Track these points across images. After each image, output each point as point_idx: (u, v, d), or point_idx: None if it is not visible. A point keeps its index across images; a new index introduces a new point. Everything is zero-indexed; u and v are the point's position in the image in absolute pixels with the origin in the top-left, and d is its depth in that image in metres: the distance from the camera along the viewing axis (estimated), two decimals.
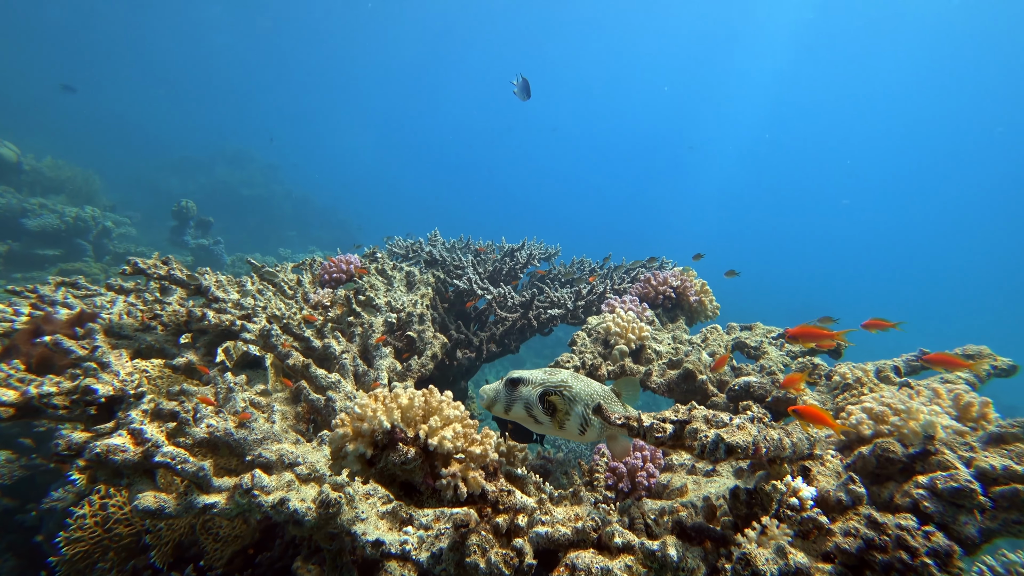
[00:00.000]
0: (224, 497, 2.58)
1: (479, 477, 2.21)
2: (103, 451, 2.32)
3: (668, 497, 2.95)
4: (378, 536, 2.78)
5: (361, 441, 2.11)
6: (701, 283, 4.78)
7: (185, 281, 3.61)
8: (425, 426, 2.16)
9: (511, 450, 4.16)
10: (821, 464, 2.10)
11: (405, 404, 2.17)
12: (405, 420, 2.18)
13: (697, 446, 1.85)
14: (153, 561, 3.64)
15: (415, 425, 2.20)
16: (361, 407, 2.11)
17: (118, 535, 3.83)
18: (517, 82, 7.85)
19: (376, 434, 2.12)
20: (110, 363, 2.78)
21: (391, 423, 2.12)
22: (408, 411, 2.18)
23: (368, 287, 4.48)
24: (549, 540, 2.08)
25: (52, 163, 16.93)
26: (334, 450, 2.13)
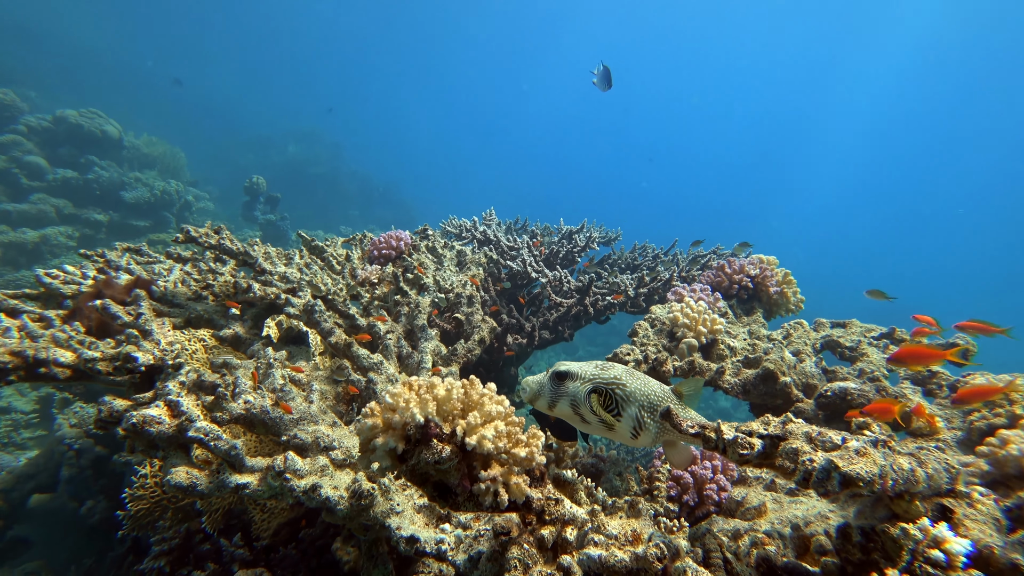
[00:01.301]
0: (257, 478, 2.44)
1: (523, 484, 1.92)
2: (139, 421, 2.21)
3: (743, 517, 2.55)
4: (413, 532, 2.57)
5: (392, 435, 1.87)
6: (784, 272, 4.23)
7: (235, 251, 3.52)
8: (463, 422, 1.88)
9: (559, 449, 3.86)
10: (968, 505, 1.64)
11: (442, 396, 1.91)
12: (441, 414, 1.92)
13: (799, 472, 1.47)
14: (204, 525, 3.66)
15: (452, 420, 1.93)
16: (393, 396, 1.87)
17: (176, 497, 3.88)
18: (597, 71, 7.30)
19: (408, 428, 1.87)
20: (152, 331, 2.70)
21: (425, 417, 1.86)
22: (445, 404, 1.91)
23: (417, 265, 4.27)
24: (603, 566, 1.76)
25: (148, 140, 18.10)
26: (363, 442, 1.90)
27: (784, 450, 1.56)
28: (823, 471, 1.42)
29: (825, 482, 1.41)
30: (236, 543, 3.66)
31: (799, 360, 3.34)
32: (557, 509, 2.08)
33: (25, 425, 7.25)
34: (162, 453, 2.31)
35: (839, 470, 1.39)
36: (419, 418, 1.83)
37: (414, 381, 1.93)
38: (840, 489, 1.40)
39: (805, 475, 1.48)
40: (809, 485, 1.46)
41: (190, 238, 3.35)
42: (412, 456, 1.88)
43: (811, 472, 1.46)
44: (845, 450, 1.49)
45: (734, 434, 1.71)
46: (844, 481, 1.39)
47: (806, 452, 1.52)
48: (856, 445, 1.49)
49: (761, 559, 1.73)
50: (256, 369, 3.00)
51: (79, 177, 13.03)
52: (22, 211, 11.87)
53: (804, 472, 1.48)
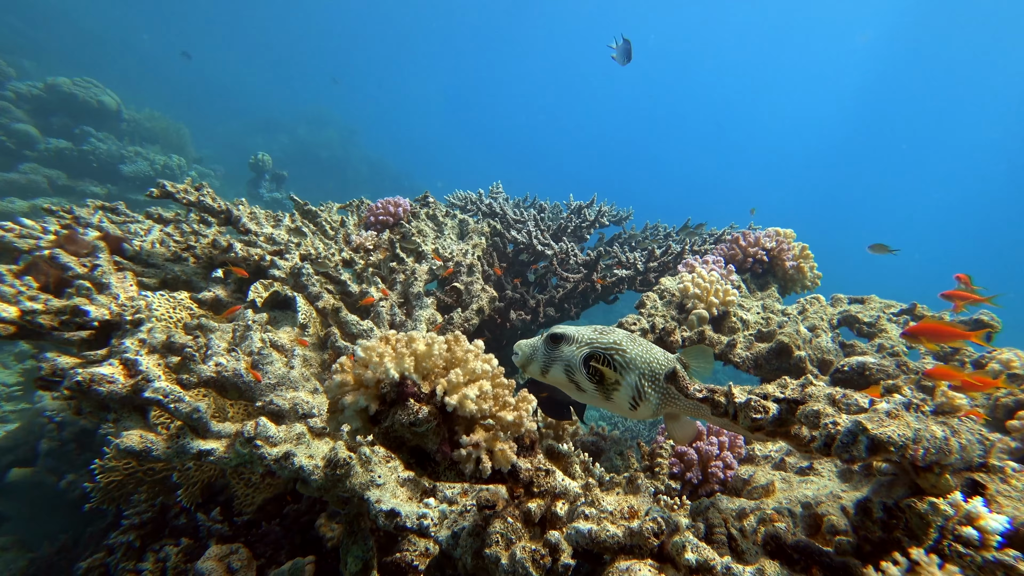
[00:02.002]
0: (223, 445, 2.28)
1: (509, 451, 1.73)
2: (85, 379, 2.05)
3: (750, 496, 2.35)
4: (394, 506, 2.40)
5: (363, 393, 1.68)
6: (801, 246, 3.99)
7: (216, 209, 3.34)
8: (444, 381, 1.69)
9: (558, 426, 3.68)
10: (1001, 480, 1.43)
11: (422, 351, 1.72)
12: (420, 371, 1.73)
13: (820, 436, 1.26)
14: (180, 499, 3.52)
15: (432, 378, 1.75)
16: (366, 350, 1.68)
17: (152, 469, 3.74)
18: (617, 44, 6.97)
19: (382, 385, 1.68)
20: (110, 284, 2.53)
21: (400, 373, 1.67)
22: (425, 360, 1.72)
23: (415, 232, 4.07)
24: (592, 540, 1.57)
25: (150, 114, 17.93)
26: (331, 402, 1.72)
27: (804, 413, 1.36)
28: (849, 434, 1.22)
29: (851, 447, 1.21)
30: (215, 517, 3.53)
31: (815, 335, 3.12)
32: (547, 481, 1.89)
33: (7, 398, 7.13)
34: (114, 415, 2.15)
35: (868, 433, 1.19)
36: (394, 374, 1.64)
37: (391, 335, 1.74)
38: (867, 455, 1.19)
39: (827, 439, 1.27)
40: (832, 451, 1.26)
41: (166, 193, 3.17)
42: (386, 418, 1.69)
43: (834, 436, 1.25)
44: (874, 412, 1.28)
45: (747, 397, 1.51)
46: (873, 445, 1.18)
47: (828, 415, 1.32)
48: (886, 407, 1.28)
49: (769, 536, 1.54)
50: (233, 332, 2.83)
51: (73, 148, 12.79)
52: (11, 180, 11.54)
53: (826, 436, 1.27)
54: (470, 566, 1.91)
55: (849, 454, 1.20)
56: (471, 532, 1.93)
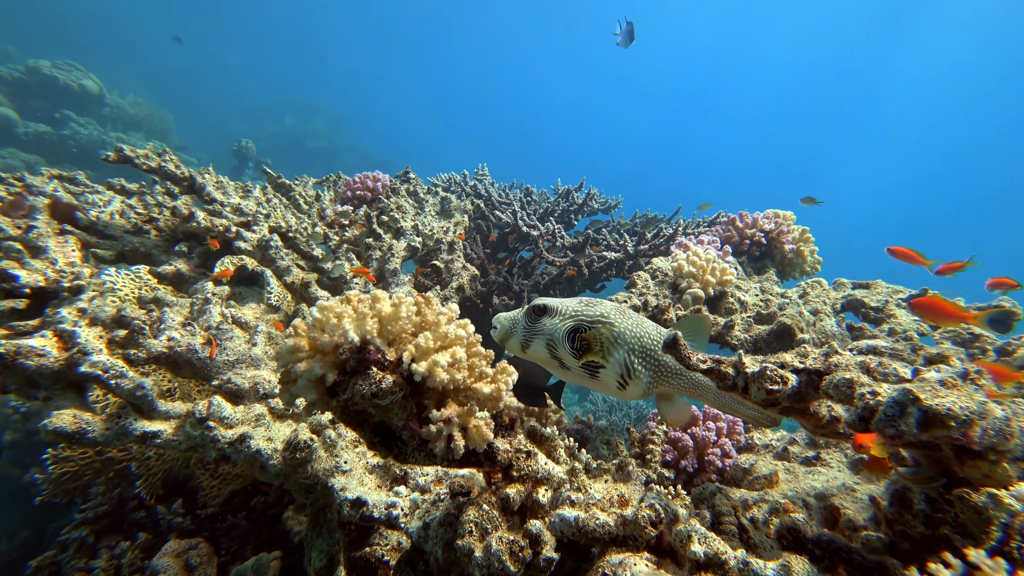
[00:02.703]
0: (171, 426, 2.03)
1: (484, 427, 1.51)
2: (10, 351, 1.79)
3: (751, 487, 2.15)
4: (360, 494, 2.16)
5: (319, 360, 1.45)
6: (801, 230, 3.81)
7: (178, 176, 3.07)
8: (412, 347, 1.47)
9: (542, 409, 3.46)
10: None
11: (387, 313, 1.49)
12: (385, 336, 1.50)
13: (856, 408, 1.06)
14: (139, 491, 3.25)
15: (400, 345, 1.52)
16: (322, 310, 1.45)
17: (111, 459, 3.46)
18: (621, 29, 6.78)
19: (341, 351, 1.45)
20: (47, 249, 2.27)
21: (361, 336, 1.44)
22: (391, 323, 1.49)
23: (394, 207, 3.83)
24: (579, 530, 1.36)
25: (134, 100, 17.42)
26: (283, 372, 1.49)
27: (833, 383, 1.15)
28: (895, 405, 1.01)
29: (897, 420, 1.00)
30: (176, 511, 3.27)
31: (818, 319, 2.93)
32: (528, 464, 1.67)
33: None
34: (44, 393, 1.89)
35: (921, 403, 0.98)
36: (353, 337, 1.41)
37: (353, 294, 1.51)
38: (919, 430, 0.99)
39: (865, 412, 1.07)
40: (872, 426, 1.05)
41: (123, 157, 2.90)
42: (345, 389, 1.46)
43: (874, 408, 1.05)
44: (923, 382, 1.07)
45: (761, 366, 1.30)
46: (927, 419, 0.98)
47: (865, 383, 1.11)
48: (938, 376, 1.07)
49: (786, 529, 1.34)
50: (191, 305, 2.58)
51: (53, 132, 12.35)
52: None
53: (863, 409, 1.07)
54: (441, 560, 1.69)
55: (895, 428, 1.00)
56: (442, 522, 1.71)
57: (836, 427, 1.48)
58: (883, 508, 1.31)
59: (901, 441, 1.01)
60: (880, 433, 1.03)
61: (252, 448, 2.03)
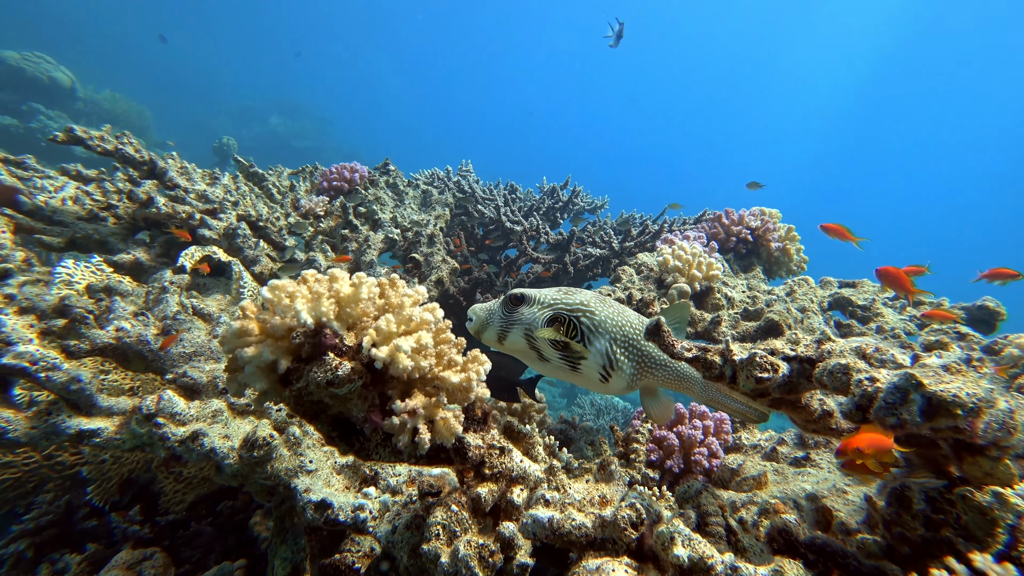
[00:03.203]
0: (114, 423, 1.88)
1: (453, 420, 1.39)
2: None
3: (739, 489, 2.06)
4: (325, 496, 2.02)
5: (269, 345, 1.32)
6: (788, 228, 3.76)
7: (137, 160, 2.91)
8: (373, 330, 1.34)
9: (526, 408, 3.34)
10: None
11: (347, 294, 1.36)
12: (344, 319, 1.37)
13: (853, 396, 0.96)
14: (90, 498, 3.03)
15: (360, 328, 1.39)
16: (274, 290, 1.32)
17: (61, 463, 3.24)
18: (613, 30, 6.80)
19: (294, 335, 1.32)
20: None
21: (316, 319, 1.31)
22: (350, 305, 1.37)
23: (372, 199, 3.70)
24: (554, 532, 1.24)
25: (110, 95, 17.04)
26: (229, 359, 1.35)
27: (827, 370, 1.05)
28: (896, 391, 0.91)
29: (898, 408, 0.90)
30: (132, 518, 3.07)
31: (805, 316, 2.86)
32: (502, 461, 1.55)
33: None
34: None
35: (924, 389, 0.88)
36: (306, 319, 1.28)
37: (310, 273, 1.38)
38: (922, 419, 0.89)
39: (861, 401, 0.97)
40: (870, 415, 0.95)
41: (74, 138, 2.73)
42: (299, 377, 1.33)
43: (873, 395, 0.95)
44: (924, 368, 0.97)
45: (750, 352, 1.20)
46: (931, 407, 0.88)
47: (862, 370, 1.01)
48: (940, 361, 0.98)
49: (778, 531, 1.23)
50: (146, 294, 2.42)
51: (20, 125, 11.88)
52: None
53: (861, 396, 0.97)
54: (408, 566, 1.56)
55: (896, 417, 0.90)
56: (409, 525, 1.58)
57: (828, 422, 1.39)
58: (880, 509, 1.21)
59: (902, 431, 0.91)
60: (880, 422, 0.93)
61: (206, 447, 1.88)
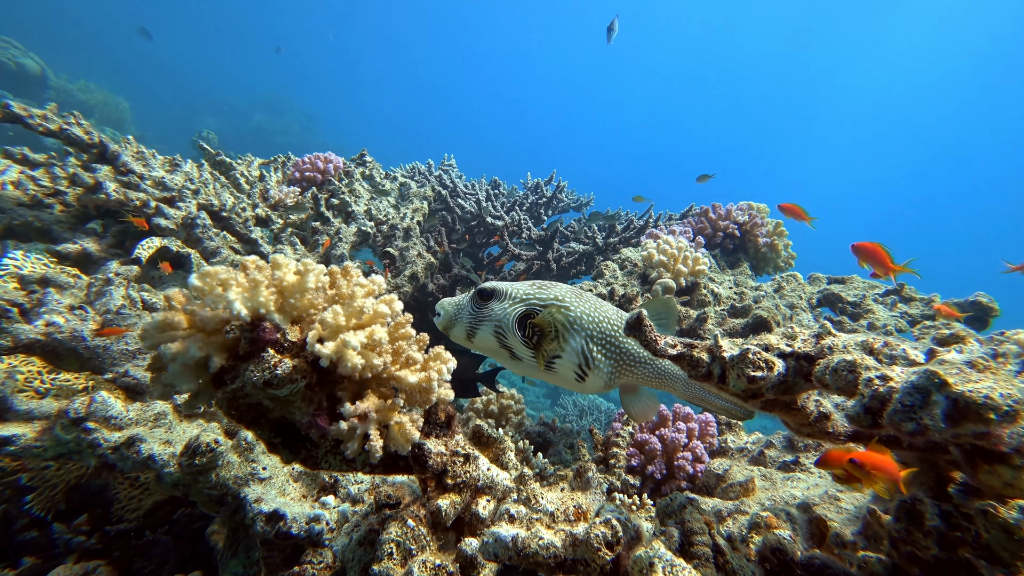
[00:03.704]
0: (35, 429, 1.69)
1: (409, 425, 1.23)
2: None
3: (725, 496, 1.93)
4: (277, 507, 1.85)
5: (200, 340, 1.15)
6: (776, 223, 3.66)
7: (86, 142, 2.70)
8: (319, 324, 1.18)
9: (503, 409, 3.19)
10: None
11: (291, 283, 1.20)
12: (286, 310, 1.21)
13: (862, 397, 0.83)
14: (31, 507, 2.80)
15: (307, 322, 1.23)
16: (204, 277, 1.15)
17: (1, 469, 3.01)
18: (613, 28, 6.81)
19: (227, 328, 1.15)
20: None
21: (253, 310, 1.14)
22: (295, 295, 1.20)
23: (346, 191, 3.52)
24: (518, 552, 1.09)
25: (84, 86, 16.53)
26: (152, 357, 1.18)
27: (831, 367, 0.92)
28: (915, 391, 0.78)
29: (918, 411, 0.77)
30: (78, 527, 2.85)
31: (794, 313, 2.75)
32: (466, 470, 1.40)
33: None
34: None
35: (950, 389, 0.75)
36: (241, 311, 1.11)
37: (250, 260, 1.21)
38: (947, 424, 0.75)
39: (871, 403, 0.83)
40: (882, 420, 0.82)
41: (10, 115, 2.53)
42: (235, 377, 1.17)
43: (886, 396, 0.81)
44: (943, 364, 0.84)
45: (741, 349, 1.07)
46: (958, 410, 0.75)
47: (870, 367, 0.88)
48: (961, 357, 0.85)
49: (771, 550, 1.10)
50: (88, 287, 2.23)
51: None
52: None
53: (870, 398, 0.83)
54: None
55: (915, 422, 0.76)
56: (362, 540, 1.43)
57: (824, 425, 1.26)
58: (885, 524, 1.08)
59: (922, 438, 0.78)
60: (895, 428, 0.80)
61: (143, 454, 1.70)
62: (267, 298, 1.15)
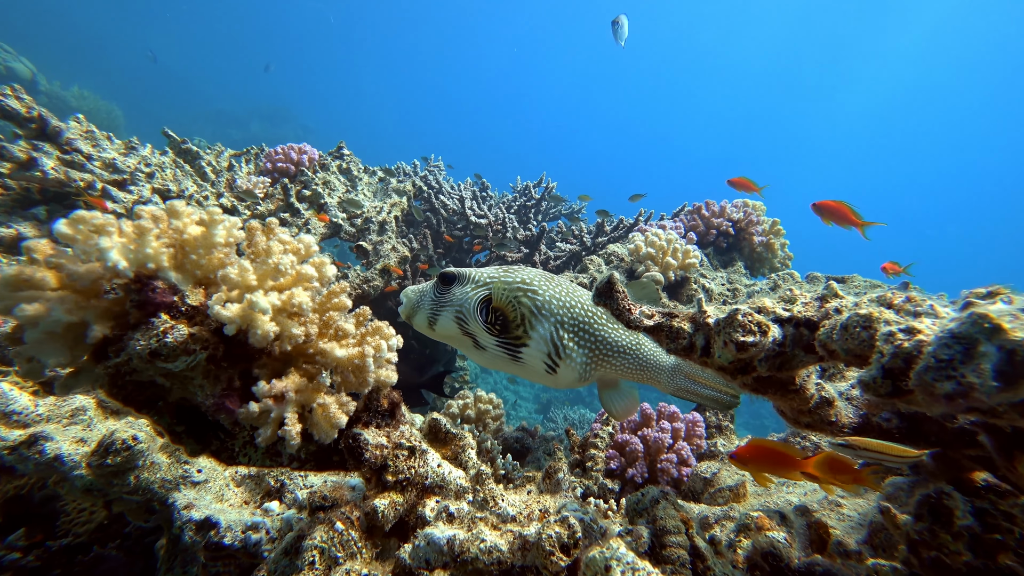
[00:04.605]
0: None
1: (336, 408, 1.03)
2: None
3: (713, 501, 1.72)
4: (210, 514, 1.60)
5: (68, 301, 0.95)
6: (772, 221, 3.49)
7: (22, 116, 2.51)
8: (225, 286, 0.99)
9: (481, 414, 2.99)
10: None
11: (194, 236, 1.00)
12: (187, 268, 1.01)
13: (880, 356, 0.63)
14: None
15: (214, 283, 1.04)
16: (74, 224, 0.95)
17: None
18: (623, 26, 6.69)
19: (108, 288, 0.95)
20: None
21: (137, 264, 0.95)
22: (199, 251, 1.01)
23: (320, 183, 3.34)
24: (456, 559, 0.89)
25: (78, 92, 16.48)
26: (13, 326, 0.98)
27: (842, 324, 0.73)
28: (954, 342, 0.59)
29: (957, 367, 0.58)
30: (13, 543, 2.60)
31: None
32: (410, 466, 1.19)
33: None
34: None
35: (1003, 336, 0.56)
36: (120, 265, 0.92)
37: (146, 209, 1.02)
38: (999, 384, 0.56)
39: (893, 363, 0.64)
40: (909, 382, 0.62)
41: None
42: (120, 349, 0.97)
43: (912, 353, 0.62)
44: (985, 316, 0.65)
45: (730, 311, 0.88)
46: (1015, 364, 0.55)
47: (891, 321, 0.69)
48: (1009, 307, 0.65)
49: (762, 554, 0.90)
50: None
51: None
52: None
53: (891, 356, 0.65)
54: None
55: (955, 381, 0.57)
56: (288, 549, 1.21)
57: (826, 413, 1.07)
58: (902, 524, 0.88)
59: (964, 402, 0.58)
60: (926, 392, 0.60)
61: (47, 454, 1.47)
62: (157, 250, 0.96)
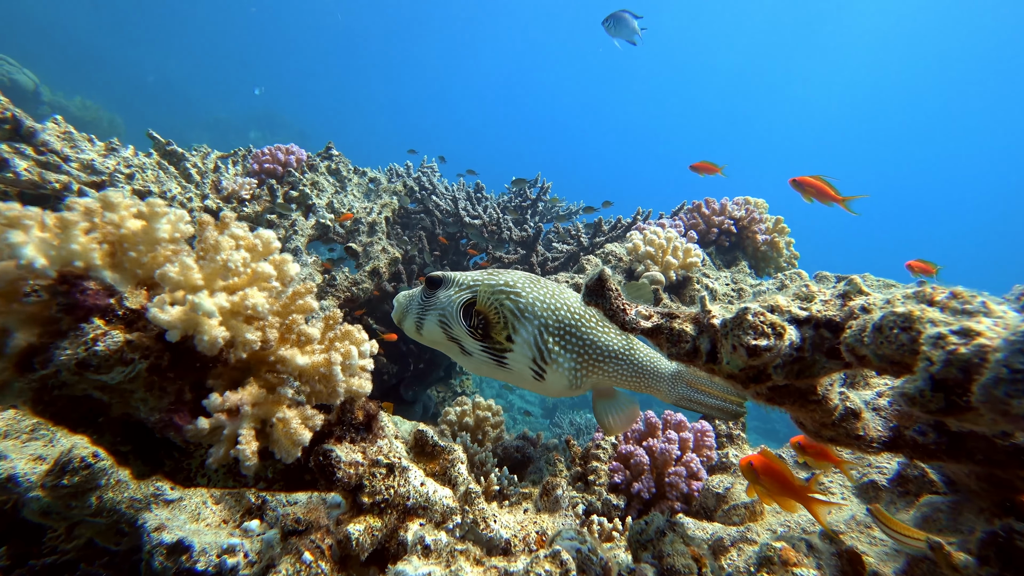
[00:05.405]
0: None
1: (298, 423, 0.91)
2: None
3: (726, 520, 1.59)
4: (183, 536, 1.48)
5: None
6: (776, 219, 3.37)
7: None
8: (168, 289, 0.87)
9: (480, 422, 2.87)
10: None
11: (133, 231, 0.89)
12: (123, 267, 0.89)
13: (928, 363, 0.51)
14: None
15: (159, 284, 0.92)
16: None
17: None
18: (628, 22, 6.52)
19: (29, 290, 0.84)
20: None
21: (61, 261, 0.83)
22: (139, 247, 0.89)
23: (308, 183, 3.23)
24: None
25: (81, 103, 16.60)
26: None
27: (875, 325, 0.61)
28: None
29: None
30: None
31: None
32: (388, 485, 1.07)
33: None
34: None
35: None
36: (35, 260, 0.80)
37: (79, 201, 0.91)
38: None
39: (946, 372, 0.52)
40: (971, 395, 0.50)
41: None
42: (47, 361, 0.85)
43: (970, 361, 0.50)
44: None
45: (738, 310, 0.76)
46: None
47: (937, 321, 0.56)
48: None
49: None
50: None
51: None
52: None
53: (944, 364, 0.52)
54: None
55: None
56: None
57: (852, 426, 0.94)
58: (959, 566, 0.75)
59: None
60: (996, 408, 0.49)
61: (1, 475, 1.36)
62: (86, 246, 0.84)
